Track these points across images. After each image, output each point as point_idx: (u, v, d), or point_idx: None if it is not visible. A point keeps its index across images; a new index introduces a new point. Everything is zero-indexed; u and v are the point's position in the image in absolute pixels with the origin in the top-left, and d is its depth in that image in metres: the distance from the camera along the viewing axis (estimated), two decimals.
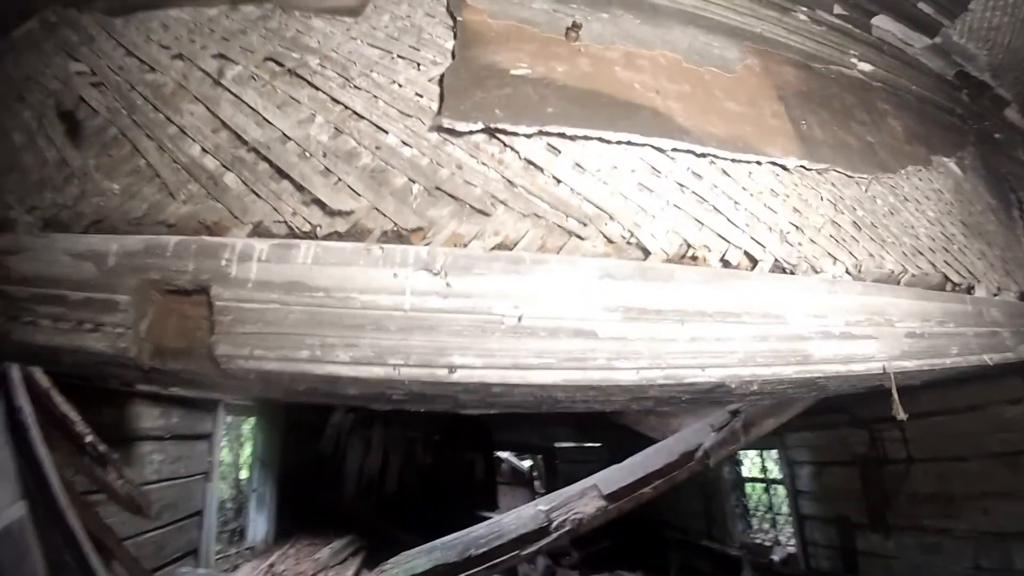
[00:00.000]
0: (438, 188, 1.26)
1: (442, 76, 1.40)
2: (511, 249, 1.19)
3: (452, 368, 1.14)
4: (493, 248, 1.17)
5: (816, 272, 1.50)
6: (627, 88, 1.51)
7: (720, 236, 1.38)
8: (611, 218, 1.27)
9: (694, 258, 1.31)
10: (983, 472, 3.89)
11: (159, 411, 3.98)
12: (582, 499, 3.75)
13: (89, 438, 2.80)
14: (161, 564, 3.92)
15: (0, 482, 1.65)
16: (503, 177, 1.28)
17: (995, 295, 2.26)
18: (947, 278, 2.08)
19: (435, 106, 1.38)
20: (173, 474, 4.10)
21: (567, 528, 3.62)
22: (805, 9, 2.43)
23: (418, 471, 7.73)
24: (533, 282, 1.18)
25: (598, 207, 1.27)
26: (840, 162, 1.95)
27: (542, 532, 3.60)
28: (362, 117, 1.41)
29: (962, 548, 4.03)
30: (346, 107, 1.43)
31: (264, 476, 5.76)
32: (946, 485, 4.20)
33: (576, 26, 1.56)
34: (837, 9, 2.49)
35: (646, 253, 1.28)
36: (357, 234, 1.24)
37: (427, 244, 1.19)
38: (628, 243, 1.27)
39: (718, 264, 1.34)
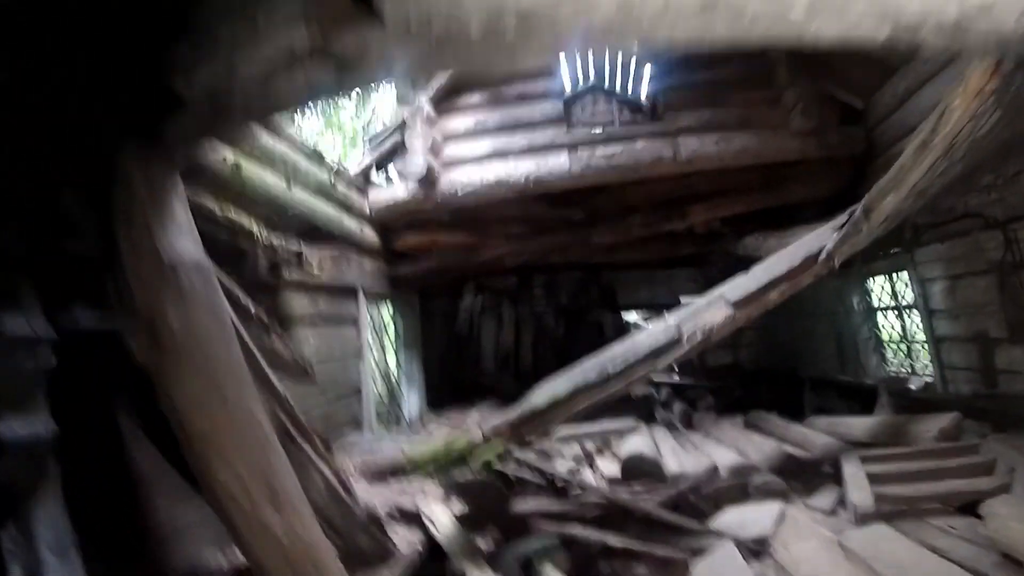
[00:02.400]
0: None
1: None
2: None
3: None
4: None
5: None
6: None
7: None
8: None
9: None
10: None
11: (307, 299, 4.80)
12: (710, 309, 4.08)
13: (253, 309, 3.48)
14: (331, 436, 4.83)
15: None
16: None
17: None
18: None
19: None
20: (329, 354, 4.97)
21: (698, 338, 3.97)
22: None
23: (550, 341, 8.47)
24: None
25: None
26: None
27: (674, 343, 3.99)
28: None
29: None
30: None
31: (410, 357, 6.72)
32: None
33: None
34: None
35: None
36: None
37: None
38: None
39: None
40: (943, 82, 4.37)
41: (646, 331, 4.15)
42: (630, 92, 6.19)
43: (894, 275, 6.16)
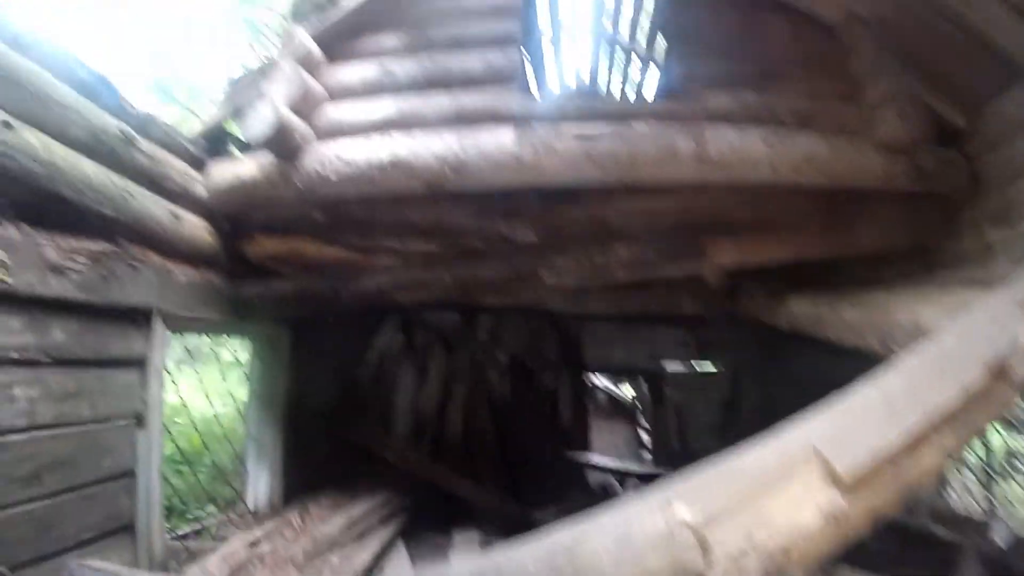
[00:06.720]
0: None
1: None
2: None
3: None
4: None
5: None
6: None
7: None
8: None
9: None
10: None
11: (21, 322, 2.65)
12: (785, 490, 1.57)
13: None
14: (53, 552, 2.67)
15: None
16: None
17: None
18: None
19: None
20: (63, 418, 2.78)
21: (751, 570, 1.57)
22: None
23: (490, 404, 6.14)
24: None
25: None
26: None
27: None
28: None
29: None
30: None
31: (265, 418, 4.44)
32: None
33: None
34: None
35: None
36: None
37: None
38: None
39: None
40: None
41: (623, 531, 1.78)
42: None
43: None
